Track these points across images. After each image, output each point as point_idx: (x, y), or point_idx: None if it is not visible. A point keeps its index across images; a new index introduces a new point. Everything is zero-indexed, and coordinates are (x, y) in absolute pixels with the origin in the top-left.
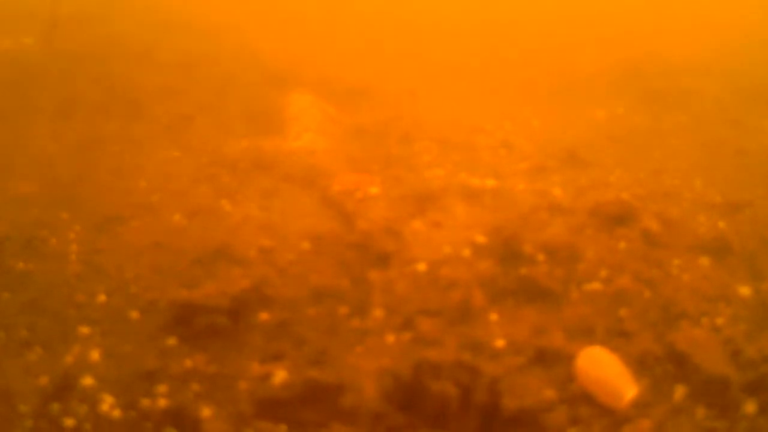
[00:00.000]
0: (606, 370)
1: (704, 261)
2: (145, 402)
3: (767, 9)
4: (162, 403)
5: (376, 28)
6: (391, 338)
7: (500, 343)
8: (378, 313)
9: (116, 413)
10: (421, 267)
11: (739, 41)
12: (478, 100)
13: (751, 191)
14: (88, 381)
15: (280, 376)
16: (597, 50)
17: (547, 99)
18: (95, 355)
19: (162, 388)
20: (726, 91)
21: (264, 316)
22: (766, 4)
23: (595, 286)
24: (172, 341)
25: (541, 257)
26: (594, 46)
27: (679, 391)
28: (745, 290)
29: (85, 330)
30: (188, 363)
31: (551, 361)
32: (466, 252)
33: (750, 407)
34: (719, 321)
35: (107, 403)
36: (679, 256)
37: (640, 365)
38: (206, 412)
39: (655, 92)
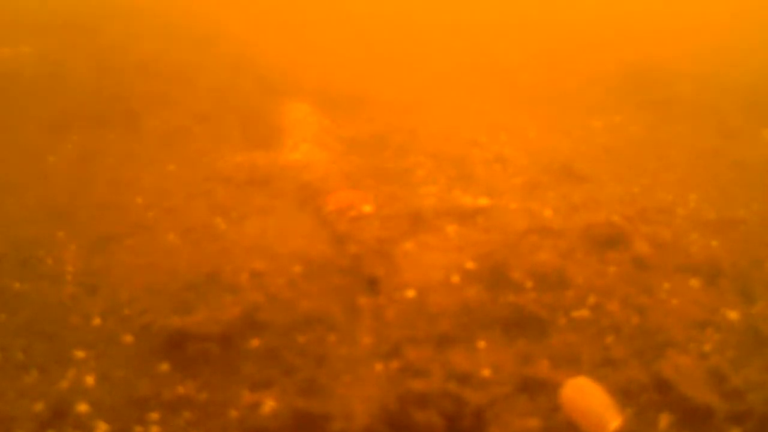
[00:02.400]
0: (591, 400)
1: (695, 283)
2: (138, 429)
3: (766, 16)
4: (154, 430)
5: (374, 35)
6: (378, 367)
7: (486, 372)
8: (366, 340)
9: None
10: (410, 293)
11: (738, 48)
12: (474, 109)
13: (746, 206)
14: (82, 407)
15: (269, 405)
16: (594, 56)
17: (544, 107)
18: (90, 379)
19: (154, 416)
20: (723, 99)
21: (254, 343)
22: (765, 11)
23: (583, 313)
24: (164, 367)
25: (529, 284)
26: (591, 53)
27: (664, 421)
28: (733, 315)
29: (80, 353)
30: (180, 390)
31: (537, 390)
32: (455, 278)
33: None
34: (707, 347)
35: (101, 431)
36: (669, 279)
37: (625, 394)
38: None
39: (652, 100)
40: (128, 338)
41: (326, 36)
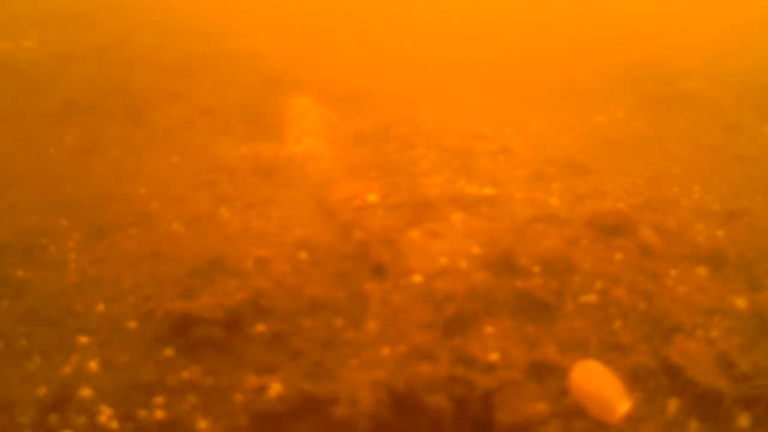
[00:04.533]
0: (599, 384)
1: (701, 271)
2: (143, 413)
3: (767, 12)
4: (159, 414)
5: (377, 30)
6: (385, 351)
7: (494, 356)
8: (373, 325)
9: (114, 425)
10: (417, 279)
11: (740, 44)
12: (477, 103)
13: (750, 198)
14: (86, 392)
15: (275, 388)
16: (597, 53)
17: (547, 102)
18: (93, 365)
19: (159, 400)
20: (726, 94)
21: (260, 327)
22: (766, 7)
23: (590, 298)
24: (169, 352)
25: (536, 269)
26: (594, 49)
27: (673, 405)
28: (740, 302)
29: (83, 339)
30: (185, 374)
31: (545, 374)
32: (462, 264)
33: (744, 421)
34: (714, 334)
35: (105, 415)
36: (676, 267)
37: (633, 378)
38: (202, 424)
39: (655, 96)
40: (132, 324)
41: (329, 31)
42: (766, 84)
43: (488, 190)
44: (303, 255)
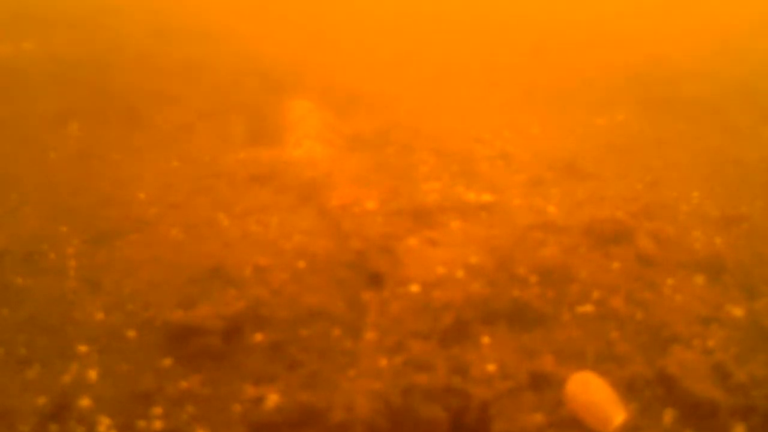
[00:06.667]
0: (595, 395)
1: (698, 279)
2: (141, 424)
3: (767, 13)
4: (157, 425)
5: (377, 32)
6: (383, 361)
7: (491, 367)
8: (370, 335)
9: None
10: (415, 288)
11: (741, 47)
12: (477, 106)
13: (749, 204)
14: (85, 401)
15: (273, 399)
16: (597, 55)
17: (547, 105)
18: (93, 374)
19: (157, 410)
20: (727, 98)
21: (258, 337)
22: (766, 7)
23: (587, 308)
24: (168, 361)
25: (534, 279)
26: (594, 51)
27: (668, 416)
28: (738, 311)
29: (83, 348)
30: (183, 384)
31: (541, 385)
32: (460, 273)
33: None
34: (711, 343)
35: (104, 425)
36: (673, 275)
37: (629, 389)
38: None
39: (655, 99)
40: (131, 333)
41: (329, 34)
42: (765, 86)
43: (487, 197)
44: (301, 263)
